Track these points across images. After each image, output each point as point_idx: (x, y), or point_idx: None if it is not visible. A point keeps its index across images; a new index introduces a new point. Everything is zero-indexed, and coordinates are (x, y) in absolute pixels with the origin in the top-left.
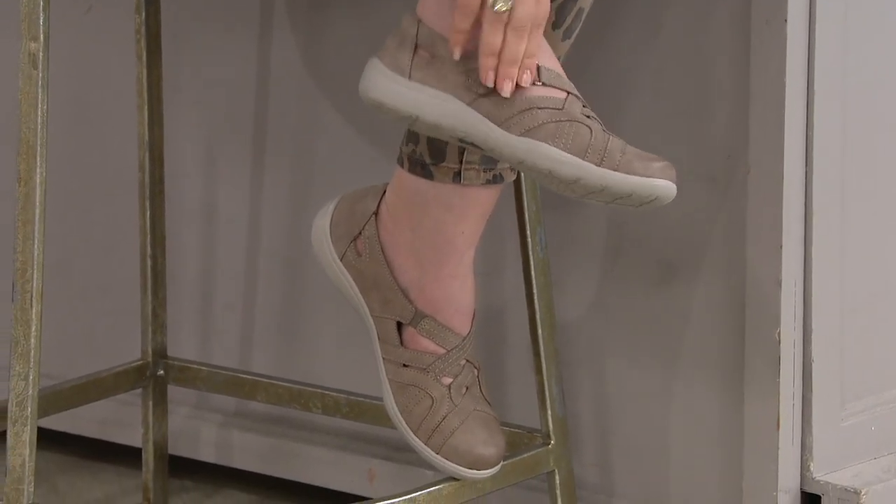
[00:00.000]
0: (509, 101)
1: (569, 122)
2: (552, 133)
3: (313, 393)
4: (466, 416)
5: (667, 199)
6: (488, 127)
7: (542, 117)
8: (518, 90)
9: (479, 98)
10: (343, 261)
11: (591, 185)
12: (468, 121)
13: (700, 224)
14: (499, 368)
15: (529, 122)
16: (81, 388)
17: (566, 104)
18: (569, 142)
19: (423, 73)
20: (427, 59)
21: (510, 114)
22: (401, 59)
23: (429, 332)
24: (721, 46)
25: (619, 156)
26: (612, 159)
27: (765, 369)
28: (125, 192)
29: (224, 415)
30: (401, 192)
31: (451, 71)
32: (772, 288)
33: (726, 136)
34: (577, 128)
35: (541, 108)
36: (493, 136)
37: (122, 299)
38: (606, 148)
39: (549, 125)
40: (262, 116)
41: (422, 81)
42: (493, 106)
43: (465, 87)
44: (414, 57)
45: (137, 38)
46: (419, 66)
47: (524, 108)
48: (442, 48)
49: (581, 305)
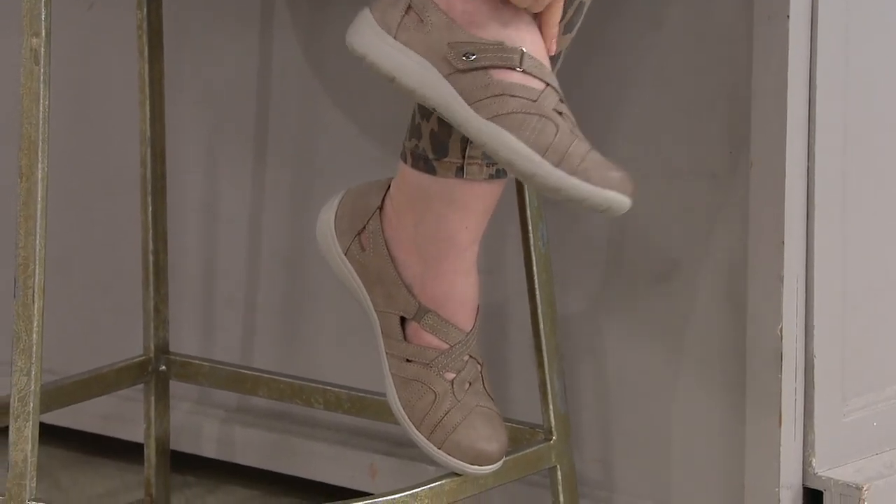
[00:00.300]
0: (484, 84)
1: (537, 116)
2: (518, 124)
3: (315, 388)
4: (469, 411)
5: (620, 211)
6: (459, 104)
7: (511, 105)
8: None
9: (457, 73)
10: (347, 255)
11: (546, 184)
12: (441, 93)
13: (702, 220)
14: (500, 364)
15: (498, 108)
16: (83, 384)
17: (541, 96)
18: (532, 136)
19: (408, 35)
20: (416, 21)
21: (483, 95)
22: (391, 16)
23: (432, 328)
24: (723, 42)
25: (579, 161)
26: (570, 163)
27: (767, 365)
28: (127, 188)
29: (226, 410)
30: (404, 187)
31: (436, 40)
32: (774, 284)
33: (728, 132)
34: (544, 124)
35: (513, 95)
36: (462, 115)
37: (123, 295)
38: (568, 150)
39: (516, 115)
40: (264, 113)
41: (406, 43)
42: (468, 84)
43: (445, 58)
44: (404, 17)
45: (139, 35)
46: (406, 28)
47: (497, 93)
48: (432, 14)
49: (583, 301)
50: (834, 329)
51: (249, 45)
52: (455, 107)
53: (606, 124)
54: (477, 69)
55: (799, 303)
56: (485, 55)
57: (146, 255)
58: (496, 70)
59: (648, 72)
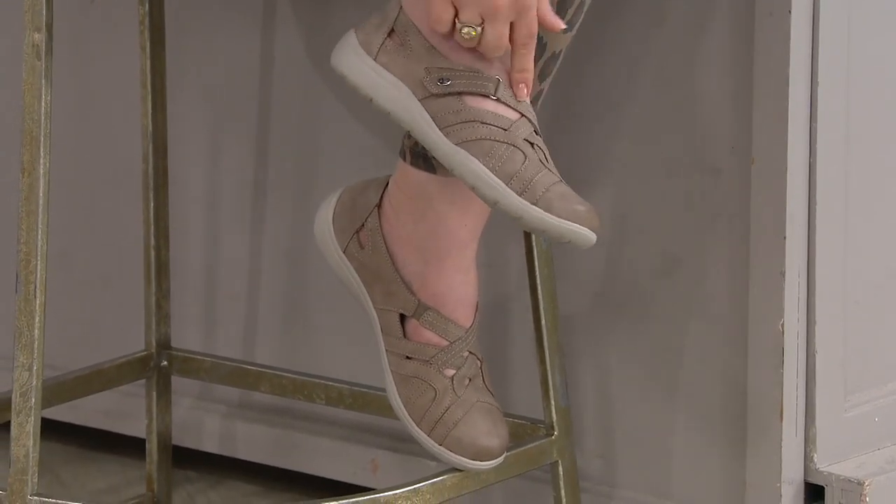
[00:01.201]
0: (456, 109)
1: (506, 144)
2: (486, 151)
3: (317, 384)
4: (469, 407)
5: (584, 244)
6: (430, 127)
7: (481, 132)
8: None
9: (431, 97)
10: (346, 253)
11: (509, 212)
12: (414, 116)
13: (704, 215)
14: (502, 360)
15: (468, 134)
16: (85, 379)
17: (513, 126)
18: (498, 164)
19: (388, 57)
20: (397, 45)
21: (453, 121)
22: (373, 39)
23: (431, 325)
24: (725, 38)
25: (542, 191)
26: (533, 193)
27: (768, 360)
28: (128, 183)
29: (227, 406)
30: (403, 185)
31: (415, 63)
32: (775, 279)
33: (730, 127)
34: (512, 152)
35: (484, 122)
36: (432, 138)
37: (125, 290)
38: (533, 180)
39: (485, 142)
40: (266, 109)
41: (385, 66)
42: (440, 108)
43: (421, 83)
44: (386, 40)
45: (141, 30)
46: (387, 51)
47: (468, 119)
48: (413, 39)
49: (584, 296)
50: (835, 324)
51: (251, 41)
52: (426, 130)
53: (608, 121)
54: (451, 94)
55: (800, 298)
56: (459, 81)
57: (148, 250)
58: (470, 97)
59: (650, 69)
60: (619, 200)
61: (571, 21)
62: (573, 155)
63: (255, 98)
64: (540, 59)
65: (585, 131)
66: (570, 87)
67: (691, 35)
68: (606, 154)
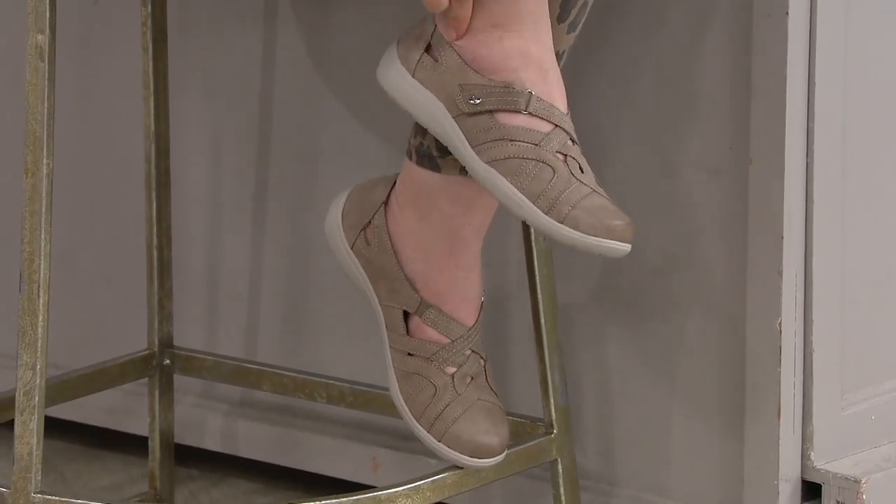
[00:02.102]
0: (487, 127)
1: (535, 161)
2: (514, 170)
3: (318, 382)
4: (469, 405)
5: (616, 255)
6: (462, 145)
7: (509, 151)
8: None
9: (463, 115)
10: (353, 249)
11: (537, 227)
12: (448, 133)
13: (702, 214)
14: (501, 358)
15: (497, 153)
16: (88, 378)
17: (545, 139)
18: (526, 183)
19: (424, 74)
20: (432, 62)
21: (484, 139)
22: (411, 54)
23: (434, 322)
24: (723, 38)
25: (568, 209)
26: (559, 211)
27: (766, 359)
28: (131, 183)
29: (230, 404)
30: (409, 183)
31: (449, 81)
32: (773, 278)
33: (728, 127)
34: (541, 169)
35: (513, 140)
36: (463, 155)
37: (128, 290)
38: (559, 198)
39: (513, 161)
40: (268, 108)
41: (422, 82)
42: (472, 126)
43: (454, 101)
44: (422, 56)
45: (143, 31)
46: (424, 67)
47: (499, 138)
48: (446, 56)
49: (584, 295)
50: (833, 323)
51: (253, 41)
52: (459, 148)
53: (607, 121)
54: (482, 113)
55: (798, 297)
56: (490, 98)
57: (150, 249)
58: (501, 113)
59: (649, 67)
60: (618, 200)
61: (575, 21)
62: None
63: (256, 98)
64: None
65: (585, 131)
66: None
67: (690, 36)
68: (606, 154)
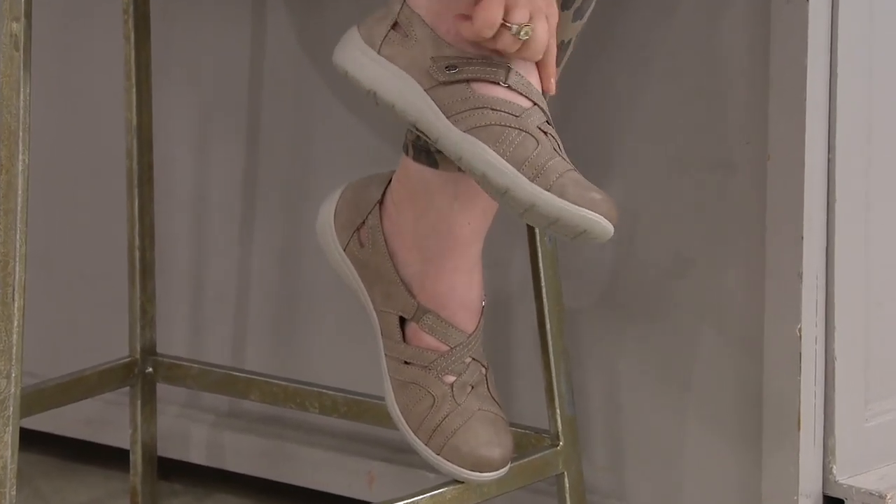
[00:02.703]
0: (465, 97)
1: (518, 130)
2: (496, 136)
3: (310, 392)
4: (469, 415)
5: (600, 236)
6: (436, 116)
7: (491, 118)
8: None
9: (438, 86)
10: (346, 251)
11: (520, 200)
12: (420, 106)
13: (717, 214)
14: (504, 366)
15: (477, 120)
16: (66, 387)
17: (525, 113)
18: (509, 150)
19: (392, 49)
20: (401, 37)
21: (462, 108)
22: (376, 31)
23: (431, 329)
24: (739, 25)
25: (555, 177)
26: (546, 178)
27: (785, 367)
28: (112, 179)
29: (216, 415)
30: (405, 180)
31: (420, 53)
32: (792, 281)
33: (744, 120)
34: (524, 138)
35: (494, 109)
36: (438, 127)
37: (108, 293)
38: (545, 165)
39: (495, 127)
40: (257, 101)
41: (389, 58)
42: (447, 96)
43: (427, 72)
44: (389, 32)
45: (125, 18)
46: (391, 42)
47: (478, 106)
48: (417, 29)
49: (592, 299)
50: (856, 329)
51: (242, 30)
52: (432, 120)
53: (616, 115)
54: (458, 82)
55: (819, 301)
56: (468, 68)
57: (132, 250)
58: (479, 83)
59: (660, 59)
60: (628, 198)
61: (581, 9)
62: (580, 150)
63: (245, 91)
64: None
65: (593, 125)
66: (577, 80)
67: (703, 23)
68: (615, 149)
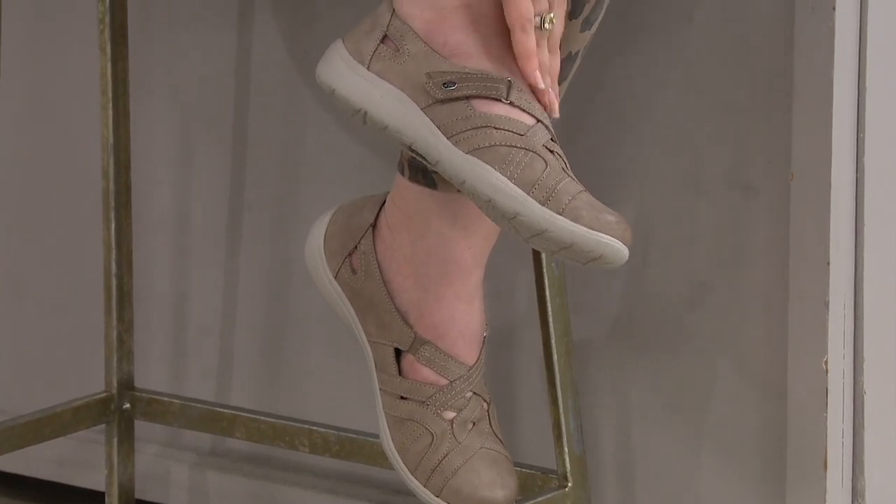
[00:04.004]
0: (465, 115)
1: (524, 150)
2: (502, 157)
3: (300, 429)
4: (471, 454)
5: (615, 261)
6: (435, 137)
7: (495, 138)
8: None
9: (436, 104)
10: (337, 279)
11: (531, 225)
12: (416, 126)
13: (737, 237)
14: (508, 401)
15: (480, 141)
16: (37, 425)
17: (530, 131)
18: (517, 171)
19: (383, 65)
20: (392, 51)
21: (463, 128)
22: (364, 46)
23: (429, 361)
24: (761, 36)
25: (568, 199)
26: (558, 201)
27: (810, 402)
28: (87, 201)
29: (198, 454)
30: (401, 202)
31: (414, 70)
32: (818, 310)
33: (766, 138)
34: (532, 159)
35: (498, 128)
36: (438, 149)
37: (82, 323)
38: (556, 187)
39: (500, 148)
40: (243, 116)
41: (380, 74)
42: (446, 115)
43: (423, 89)
44: (379, 46)
45: (101, 28)
46: (381, 57)
47: (479, 125)
48: (410, 43)
49: (602, 328)
50: (887, 361)
51: (226, 40)
52: (431, 141)
53: (630, 131)
54: (457, 99)
55: (846, 332)
56: (467, 84)
57: (108, 277)
58: (479, 100)
59: (677, 71)
60: (642, 220)
61: (590, 18)
62: (591, 168)
63: (230, 105)
64: None
65: (605, 142)
66: (588, 93)
67: (722, 34)
68: (628, 168)
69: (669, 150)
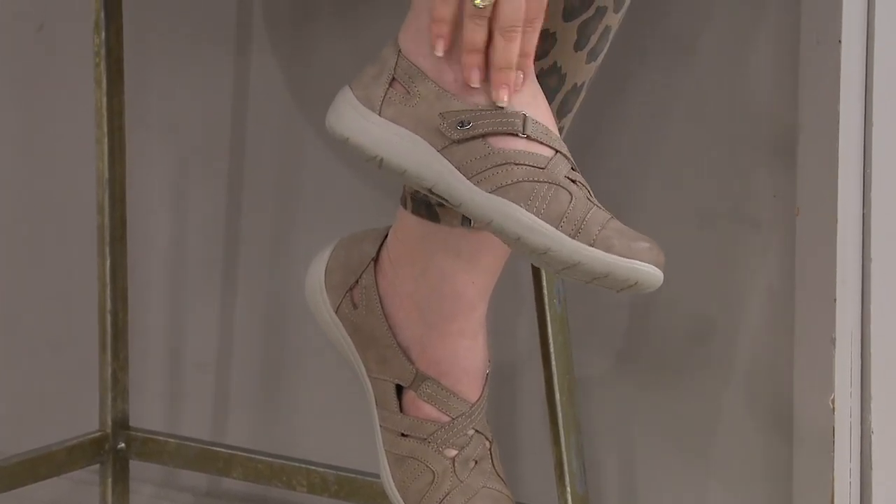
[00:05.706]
0: (484, 154)
1: (547, 184)
2: (526, 194)
3: (298, 469)
4: (473, 494)
5: (650, 286)
6: (456, 178)
7: (517, 174)
8: (497, 144)
9: (452, 145)
10: (338, 313)
11: (562, 259)
12: (435, 169)
13: (742, 272)
14: (510, 439)
15: (502, 179)
16: (30, 465)
17: (550, 163)
18: (543, 206)
19: (395, 109)
20: (402, 94)
21: (483, 167)
22: (374, 91)
23: (431, 398)
24: (766, 69)
25: (598, 230)
26: (588, 233)
27: (817, 442)
28: (82, 235)
29: (194, 494)
30: (403, 235)
31: (426, 111)
32: (824, 347)
33: (771, 171)
34: (556, 192)
35: (518, 164)
36: (460, 190)
37: (77, 360)
38: (585, 219)
39: (524, 184)
40: (239, 149)
41: (393, 119)
42: (464, 155)
43: (438, 130)
44: (388, 90)
45: (97, 62)
46: (392, 102)
47: (499, 163)
48: (420, 85)
49: (605, 366)
50: (895, 399)
51: (223, 73)
52: (453, 183)
53: (633, 164)
54: (474, 138)
55: (854, 369)
56: (482, 122)
57: (103, 313)
58: (496, 137)
59: (681, 105)
60: None
61: (595, 50)
62: None
63: (227, 137)
64: (559, 92)
65: (608, 174)
66: (592, 125)
67: (728, 66)
68: (630, 200)
69: (674, 184)
